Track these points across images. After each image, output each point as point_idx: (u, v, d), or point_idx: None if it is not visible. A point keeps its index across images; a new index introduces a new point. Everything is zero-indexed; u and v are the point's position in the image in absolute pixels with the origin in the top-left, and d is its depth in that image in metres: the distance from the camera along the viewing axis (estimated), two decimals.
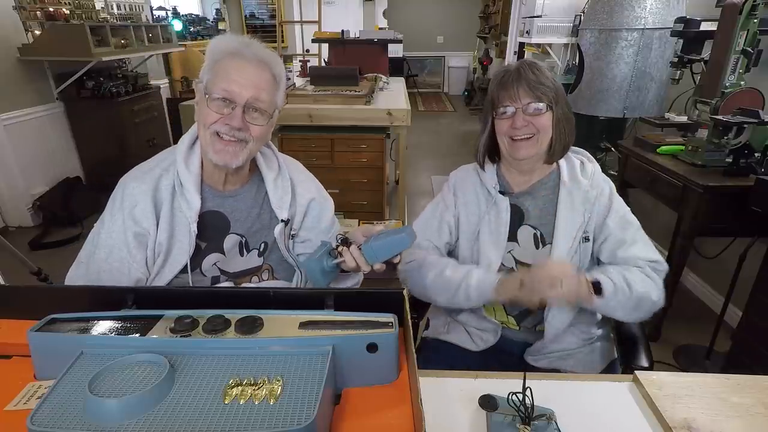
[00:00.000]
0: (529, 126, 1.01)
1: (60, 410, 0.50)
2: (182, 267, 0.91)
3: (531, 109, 1.00)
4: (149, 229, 0.89)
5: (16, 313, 0.72)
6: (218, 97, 0.87)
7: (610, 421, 0.71)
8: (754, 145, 1.59)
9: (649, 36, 2.37)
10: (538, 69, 1.02)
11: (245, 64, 0.88)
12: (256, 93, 0.88)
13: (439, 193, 1.20)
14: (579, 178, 1.06)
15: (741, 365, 1.58)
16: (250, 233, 0.99)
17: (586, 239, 1.05)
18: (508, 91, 1.01)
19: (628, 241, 1.03)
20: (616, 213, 1.05)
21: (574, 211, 1.04)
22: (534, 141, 1.02)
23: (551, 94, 1.01)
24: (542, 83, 1.00)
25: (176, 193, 0.92)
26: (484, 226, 1.09)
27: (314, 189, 1.08)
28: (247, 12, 6.55)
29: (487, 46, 7.43)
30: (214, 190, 0.97)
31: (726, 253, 1.89)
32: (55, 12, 3.19)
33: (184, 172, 0.92)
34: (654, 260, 1.02)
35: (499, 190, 1.09)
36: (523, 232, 1.08)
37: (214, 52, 0.90)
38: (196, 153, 0.95)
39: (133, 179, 0.92)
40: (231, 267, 0.98)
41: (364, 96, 2.52)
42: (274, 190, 1.00)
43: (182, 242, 0.91)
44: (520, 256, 1.08)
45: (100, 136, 3.38)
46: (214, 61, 0.90)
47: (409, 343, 0.63)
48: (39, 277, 2.09)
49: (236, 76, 0.87)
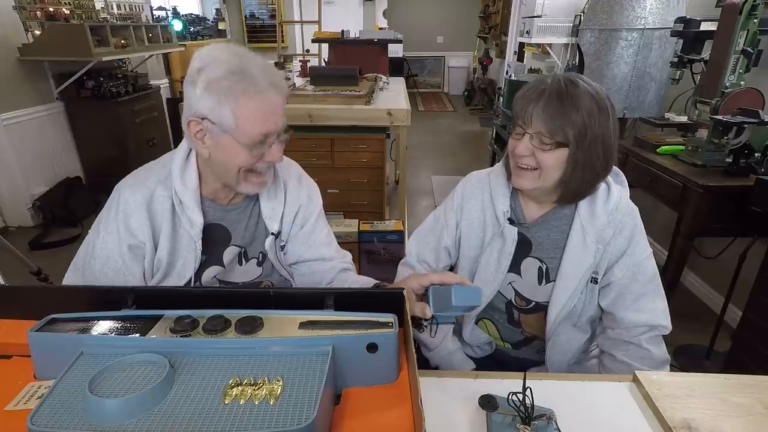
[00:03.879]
0: (531, 157, 0.87)
1: (60, 410, 0.50)
2: (186, 282, 0.90)
3: (537, 141, 0.86)
4: (145, 241, 0.87)
5: (16, 313, 0.72)
6: (257, 141, 0.81)
7: (610, 421, 0.71)
8: (754, 145, 1.59)
9: (649, 36, 2.37)
10: (574, 97, 0.83)
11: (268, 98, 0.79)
12: (283, 120, 0.84)
13: (443, 201, 1.10)
14: (597, 212, 0.92)
15: (741, 365, 1.58)
16: (248, 243, 0.98)
17: (595, 281, 0.94)
18: (525, 109, 0.86)
19: (633, 295, 0.92)
20: (629, 258, 0.92)
21: (585, 249, 0.92)
22: (535, 175, 0.89)
23: (574, 132, 0.83)
24: (567, 115, 0.82)
25: (176, 210, 0.88)
26: (485, 256, 1.00)
27: (304, 195, 1.02)
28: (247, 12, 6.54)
29: (487, 46, 7.43)
30: (216, 204, 0.94)
31: (726, 253, 1.89)
32: (55, 12, 3.19)
33: (181, 189, 0.88)
34: (654, 325, 0.92)
35: (508, 217, 0.97)
36: (528, 264, 0.98)
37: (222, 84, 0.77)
38: (191, 168, 0.89)
39: (128, 187, 0.89)
40: (230, 277, 0.97)
41: (364, 96, 2.52)
42: (267, 200, 0.97)
43: (186, 258, 0.89)
44: (520, 288, 1.01)
45: (100, 136, 3.38)
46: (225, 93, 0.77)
47: (409, 343, 0.63)
48: (39, 277, 2.08)
49: (268, 116, 0.79)
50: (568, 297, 0.94)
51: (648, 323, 0.92)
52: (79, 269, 0.91)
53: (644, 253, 0.93)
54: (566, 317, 0.97)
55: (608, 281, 0.94)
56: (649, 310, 0.92)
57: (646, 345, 0.92)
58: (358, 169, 2.65)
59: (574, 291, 0.93)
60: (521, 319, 1.04)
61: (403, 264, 1.13)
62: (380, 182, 2.70)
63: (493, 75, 7.35)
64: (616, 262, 0.93)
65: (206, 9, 6.44)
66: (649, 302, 0.93)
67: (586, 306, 0.96)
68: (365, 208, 2.74)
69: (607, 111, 0.85)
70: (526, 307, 1.02)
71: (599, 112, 0.84)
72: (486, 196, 1.01)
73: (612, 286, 0.94)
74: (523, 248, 0.98)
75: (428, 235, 1.09)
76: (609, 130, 0.86)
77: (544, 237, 0.97)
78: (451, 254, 1.07)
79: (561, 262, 0.94)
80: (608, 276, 0.94)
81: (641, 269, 0.92)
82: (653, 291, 0.93)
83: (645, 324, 0.92)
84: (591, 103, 0.83)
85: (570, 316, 0.97)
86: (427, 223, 1.11)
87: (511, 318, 1.05)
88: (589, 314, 0.98)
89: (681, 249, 1.78)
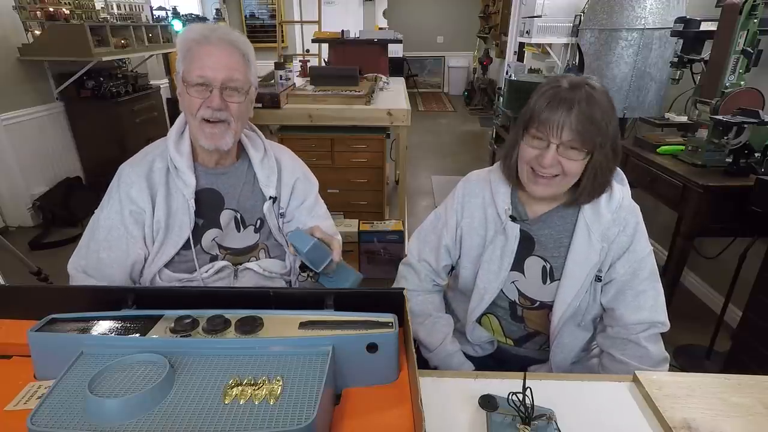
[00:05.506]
0: (556, 166, 0.87)
1: (60, 410, 0.50)
2: (184, 242, 0.97)
3: (564, 150, 0.85)
4: (144, 207, 0.95)
5: (16, 313, 0.72)
6: (195, 83, 0.92)
7: (610, 421, 0.71)
8: (754, 145, 1.59)
9: (649, 36, 2.37)
10: (595, 100, 0.83)
11: (214, 49, 0.93)
12: (229, 73, 0.93)
13: (444, 200, 1.10)
14: (602, 211, 0.92)
15: (741, 365, 1.58)
16: (244, 209, 1.05)
17: (599, 279, 0.94)
18: (552, 119, 0.83)
19: (633, 292, 0.93)
20: (631, 255, 0.93)
21: (590, 247, 0.92)
22: (556, 181, 0.89)
23: (598, 139, 0.84)
24: (594, 121, 0.82)
25: (171, 175, 0.98)
26: (487, 253, 0.99)
27: (299, 170, 1.13)
28: (247, 12, 6.55)
29: (487, 46, 7.43)
30: (206, 168, 1.02)
31: (726, 253, 1.89)
32: (55, 12, 3.19)
33: (176, 156, 0.98)
34: (653, 322, 0.92)
35: (510, 214, 0.97)
36: (531, 262, 0.98)
37: (185, 41, 0.94)
38: (186, 138, 1.01)
39: (129, 165, 0.99)
40: (229, 242, 1.04)
41: (364, 96, 2.52)
42: (261, 169, 1.06)
43: (182, 219, 0.97)
44: (524, 288, 1.00)
45: (100, 136, 3.38)
46: (186, 50, 0.94)
47: (409, 343, 0.63)
48: (39, 277, 2.08)
49: (208, 61, 0.92)
50: (574, 296, 0.94)
51: (647, 320, 0.92)
52: (83, 246, 0.97)
53: (645, 250, 0.94)
54: (571, 316, 0.97)
55: (610, 278, 0.95)
56: (648, 306, 0.93)
57: (645, 343, 0.92)
58: (358, 169, 2.65)
59: (579, 290, 0.93)
60: (525, 314, 1.04)
61: (404, 264, 1.13)
62: (380, 182, 2.70)
63: (493, 75, 7.35)
64: (619, 259, 0.93)
65: (206, 9, 6.45)
66: (649, 299, 0.93)
67: (591, 305, 0.96)
68: (365, 208, 2.74)
69: (615, 110, 0.87)
70: (530, 307, 1.02)
71: (613, 113, 0.85)
72: (487, 194, 1.01)
73: (613, 282, 0.95)
74: (526, 246, 0.98)
75: (429, 234, 1.09)
76: (618, 131, 0.88)
77: (547, 235, 0.97)
78: (451, 253, 1.07)
79: (566, 261, 0.94)
80: (610, 273, 0.94)
81: (641, 266, 0.93)
82: (652, 288, 0.94)
83: (644, 321, 0.92)
84: (608, 106, 0.84)
85: (575, 315, 0.97)
86: (427, 222, 1.11)
87: (514, 314, 1.05)
88: (593, 313, 0.98)
89: (681, 249, 1.78)
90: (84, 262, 0.95)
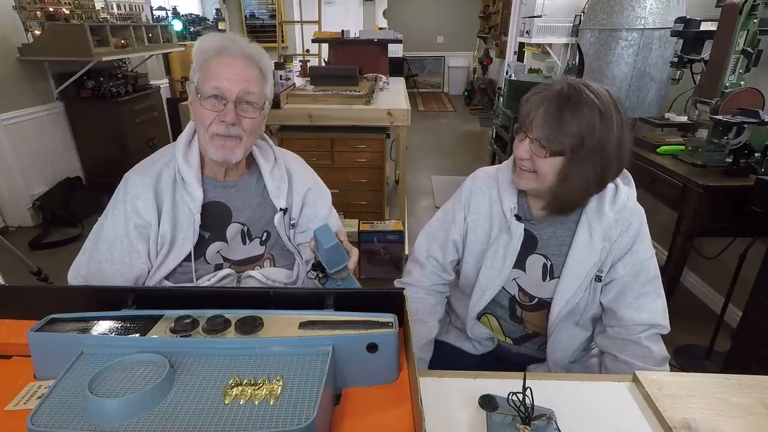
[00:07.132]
0: (529, 161, 0.88)
1: (60, 410, 0.50)
2: (186, 255, 0.94)
3: (535, 147, 0.86)
4: (150, 221, 0.92)
5: (16, 313, 0.72)
6: (210, 94, 0.90)
7: (610, 421, 0.71)
8: (754, 145, 1.59)
9: (649, 36, 2.37)
10: (575, 106, 0.80)
11: (232, 61, 0.91)
12: (246, 87, 0.91)
13: (451, 198, 1.11)
14: (605, 210, 0.92)
15: (741, 365, 1.58)
16: (251, 222, 1.02)
17: (599, 279, 0.94)
18: (527, 113, 0.86)
19: (634, 293, 0.93)
20: (633, 256, 0.93)
21: (591, 247, 0.92)
22: (534, 177, 0.89)
23: (570, 142, 0.82)
24: (564, 125, 0.81)
25: (178, 186, 0.95)
26: (491, 251, 1.00)
27: (310, 180, 1.11)
28: (247, 12, 6.55)
29: (487, 46, 7.43)
30: (215, 182, 1.00)
31: (726, 253, 1.89)
32: (55, 12, 3.19)
33: (185, 166, 0.95)
34: (654, 324, 0.92)
35: (515, 213, 0.98)
36: (533, 260, 0.99)
37: (201, 51, 0.92)
38: (195, 148, 0.98)
39: (137, 173, 0.96)
40: (233, 255, 1.01)
41: (364, 96, 2.52)
42: (271, 180, 1.03)
43: (186, 232, 0.94)
44: (524, 284, 1.01)
45: (100, 136, 3.38)
46: (202, 61, 0.92)
47: (409, 343, 0.63)
48: (39, 277, 2.08)
49: (225, 73, 0.90)
50: (572, 294, 0.94)
51: (647, 322, 0.92)
52: (86, 254, 0.96)
53: (648, 252, 0.94)
54: (569, 314, 0.97)
55: (611, 278, 0.95)
56: (649, 309, 0.93)
57: (646, 343, 0.92)
58: (358, 169, 2.65)
59: (578, 288, 0.94)
60: (524, 316, 1.05)
61: (411, 259, 1.14)
62: (380, 182, 2.70)
63: (493, 75, 7.35)
64: (620, 259, 0.93)
65: (206, 9, 6.45)
66: (650, 301, 0.93)
67: (589, 304, 0.97)
68: (365, 208, 2.74)
69: (611, 122, 0.82)
70: (529, 303, 1.03)
71: (601, 123, 0.81)
72: (494, 192, 1.02)
73: (614, 283, 0.95)
74: (529, 245, 0.99)
75: (438, 230, 1.10)
76: (610, 143, 0.83)
77: (551, 234, 0.98)
78: (458, 249, 1.08)
79: (566, 259, 0.95)
80: (611, 273, 0.94)
81: (644, 268, 0.93)
82: (654, 291, 0.94)
83: (644, 323, 0.92)
84: (593, 114, 0.80)
85: (572, 313, 0.97)
86: (436, 219, 1.12)
87: (513, 314, 1.06)
88: (592, 312, 0.98)
89: (681, 249, 1.78)
90: (85, 272, 0.94)
